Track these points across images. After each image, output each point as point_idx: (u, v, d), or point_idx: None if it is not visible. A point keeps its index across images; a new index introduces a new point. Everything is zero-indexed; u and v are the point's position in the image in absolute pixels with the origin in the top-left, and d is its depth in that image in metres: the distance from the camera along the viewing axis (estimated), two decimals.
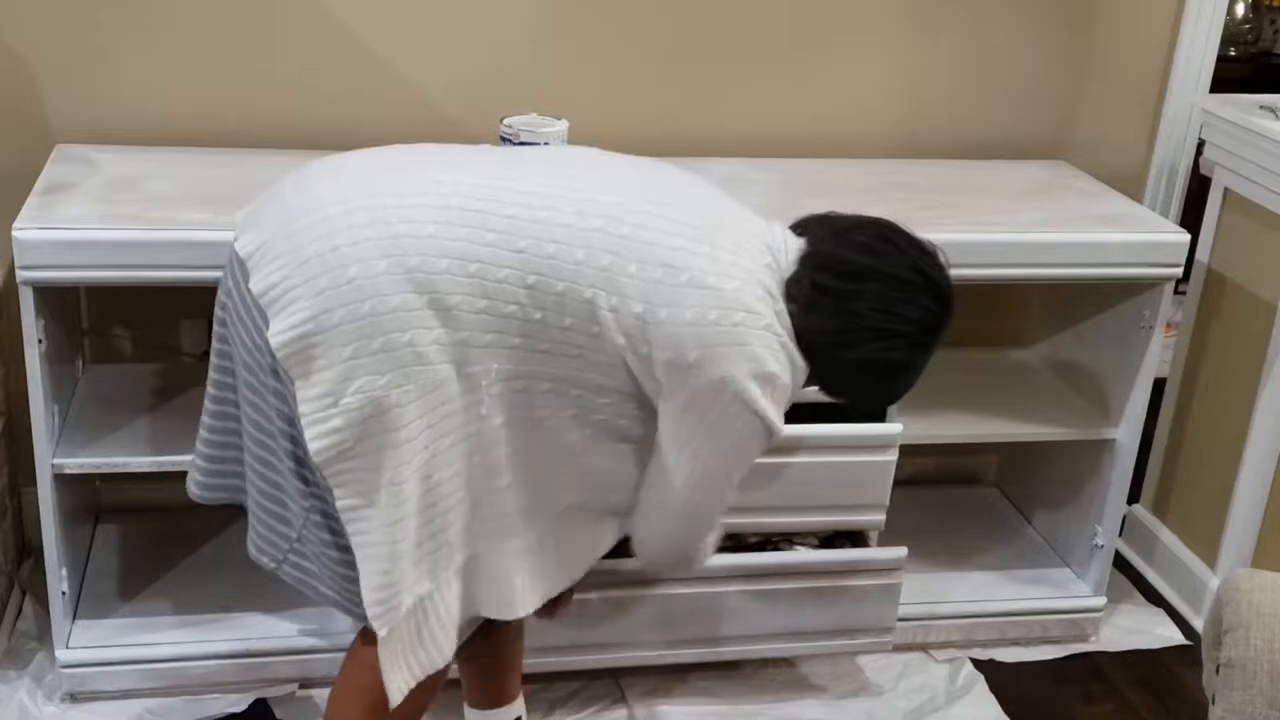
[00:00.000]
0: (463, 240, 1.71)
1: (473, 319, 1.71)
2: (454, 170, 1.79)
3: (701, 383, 1.76)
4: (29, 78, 2.58)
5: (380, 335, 1.67)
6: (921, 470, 3.10)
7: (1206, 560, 2.93)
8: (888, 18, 2.84)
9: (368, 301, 1.67)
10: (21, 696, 2.45)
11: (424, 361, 1.69)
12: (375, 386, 1.67)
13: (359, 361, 1.67)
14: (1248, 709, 1.75)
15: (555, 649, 2.45)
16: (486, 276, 1.71)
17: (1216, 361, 2.91)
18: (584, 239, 1.74)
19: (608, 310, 1.74)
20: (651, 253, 1.75)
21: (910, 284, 1.84)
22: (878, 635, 2.57)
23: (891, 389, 1.93)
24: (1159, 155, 3.04)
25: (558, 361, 1.76)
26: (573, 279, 1.73)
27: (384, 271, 1.68)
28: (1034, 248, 2.51)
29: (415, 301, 1.68)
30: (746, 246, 1.82)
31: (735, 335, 1.75)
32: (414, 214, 1.71)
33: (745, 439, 1.81)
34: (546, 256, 1.72)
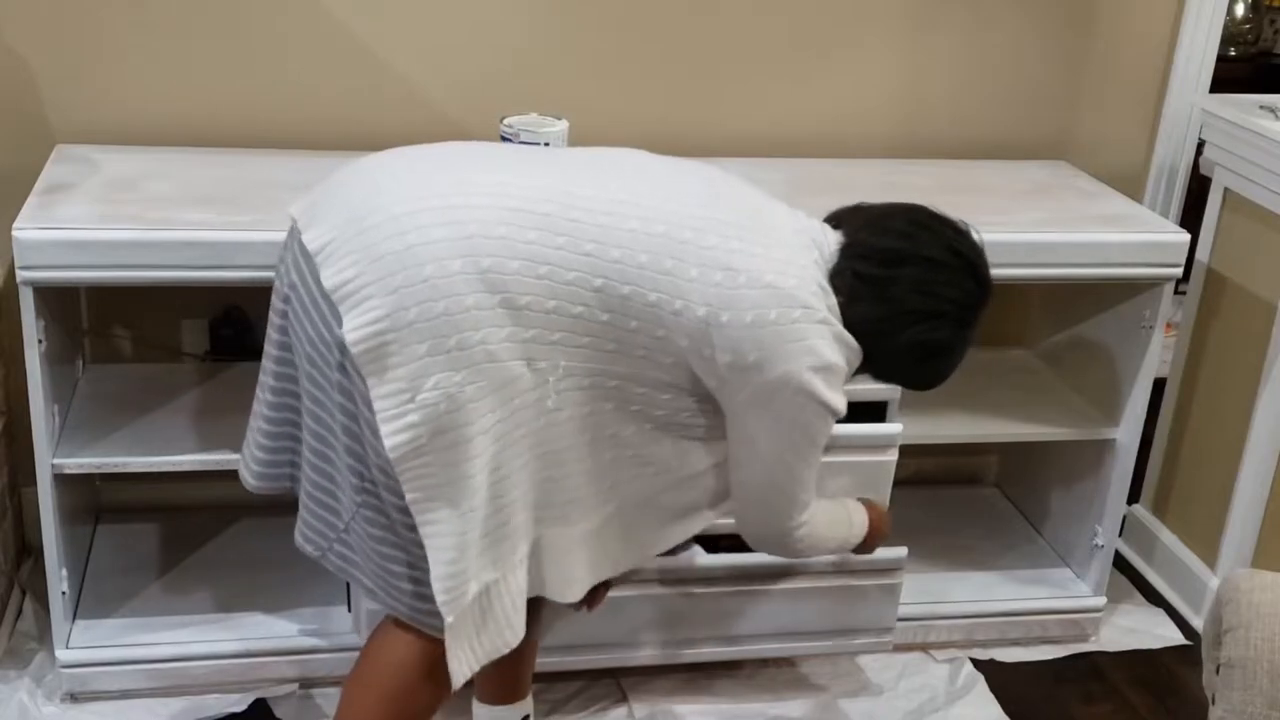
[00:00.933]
0: (534, 243, 1.75)
1: (542, 318, 1.75)
2: (514, 173, 1.83)
3: (764, 380, 1.82)
4: (29, 78, 2.58)
5: (455, 334, 1.71)
6: (922, 470, 3.10)
7: (1206, 560, 2.93)
8: (888, 18, 2.84)
9: (442, 301, 1.70)
10: (21, 696, 2.45)
11: (496, 359, 1.73)
12: (451, 383, 1.71)
13: (434, 359, 1.70)
14: (1248, 709, 1.75)
15: (556, 649, 2.45)
16: (556, 278, 1.75)
17: (1216, 361, 2.91)
18: (647, 244, 1.79)
19: (671, 314, 1.79)
20: (712, 256, 1.80)
21: (946, 265, 1.90)
22: (878, 635, 2.58)
23: (938, 370, 1.99)
24: (1159, 155, 3.04)
25: (623, 360, 1.81)
26: (638, 282, 1.78)
27: (458, 271, 1.71)
28: (1034, 248, 2.51)
29: (488, 301, 1.72)
30: (795, 244, 1.88)
31: (794, 332, 1.81)
32: (485, 215, 1.75)
33: (810, 425, 1.87)
34: (613, 261, 1.77)
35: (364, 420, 1.75)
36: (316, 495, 1.90)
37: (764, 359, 1.81)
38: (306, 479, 1.90)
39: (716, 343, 1.80)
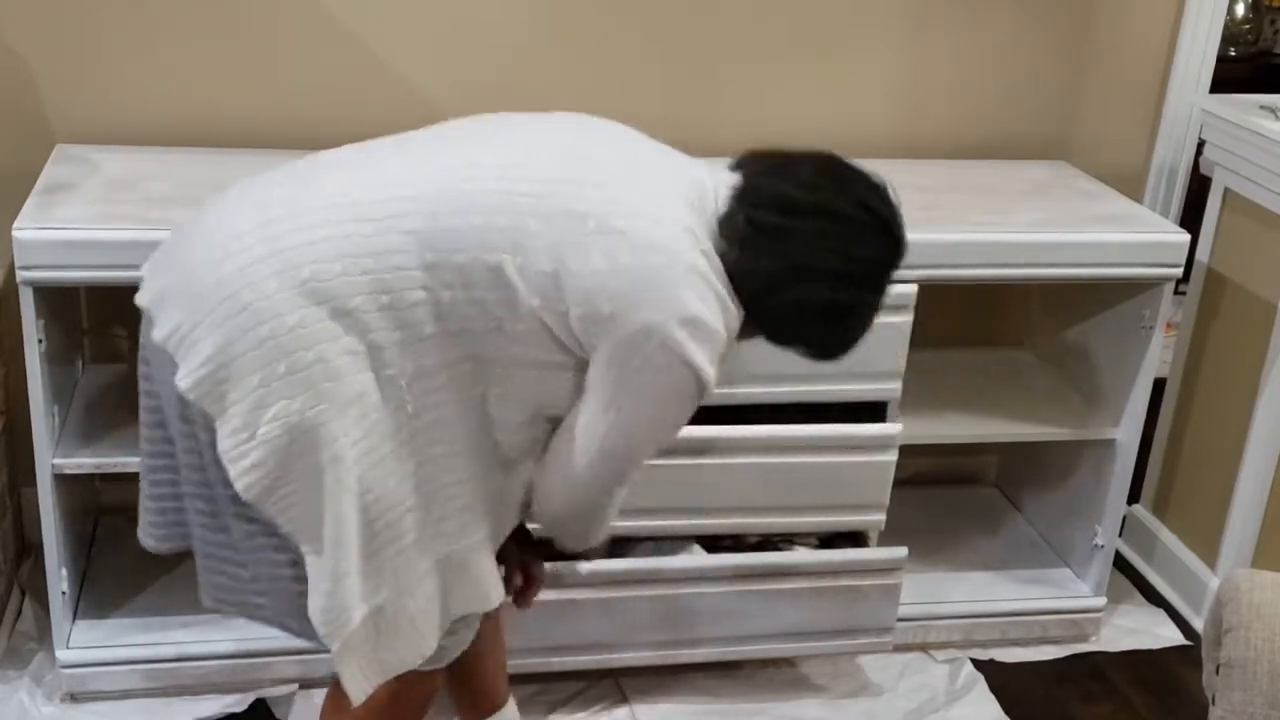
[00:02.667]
0: (352, 236, 1.63)
1: (378, 318, 1.64)
2: (348, 170, 1.73)
3: (622, 334, 1.65)
4: (29, 78, 2.58)
5: (284, 357, 1.60)
6: (921, 470, 3.10)
7: (1206, 560, 2.93)
8: (888, 18, 2.84)
9: (265, 325, 1.60)
10: (21, 696, 2.45)
11: (336, 376, 1.62)
12: (290, 411, 1.60)
13: (269, 389, 1.60)
14: (1248, 709, 1.75)
15: (556, 649, 2.45)
16: (382, 268, 1.63)
17: (1216, 361, 2.91)
18: (480, 204, 1.66)
19: (515, 271, 1.64)
20: (552, 204, 1.65)
21: (856, 220, 1.71)
22: (878, 635, 2.58)
23: (841, 336, 1.78)
24: (1159, 155, 3.04)
25: (477, 340, 1.68)
26: (473, 247, 1.64)
27: (276, 290, 1.61)
28: (1034, 248, 2.51)
29: (315, 314, 1.61)
30: (668, 189, 1.72)
31: (652, 279, 1.64)
32: (303, 221, 1.65)
33: (673, 391, 1.70)
34: (444, 230, 1.64)
35: (213, 466, 1.66)
36: (215, 551, 1.78)
37: (619, 309, 1.63)
38: (199, 536, 1.79)
39: (568, 296, 1.64)
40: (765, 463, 2.44)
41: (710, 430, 2.41)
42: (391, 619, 1.74)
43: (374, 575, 1.71)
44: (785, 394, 2.44)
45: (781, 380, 2.42)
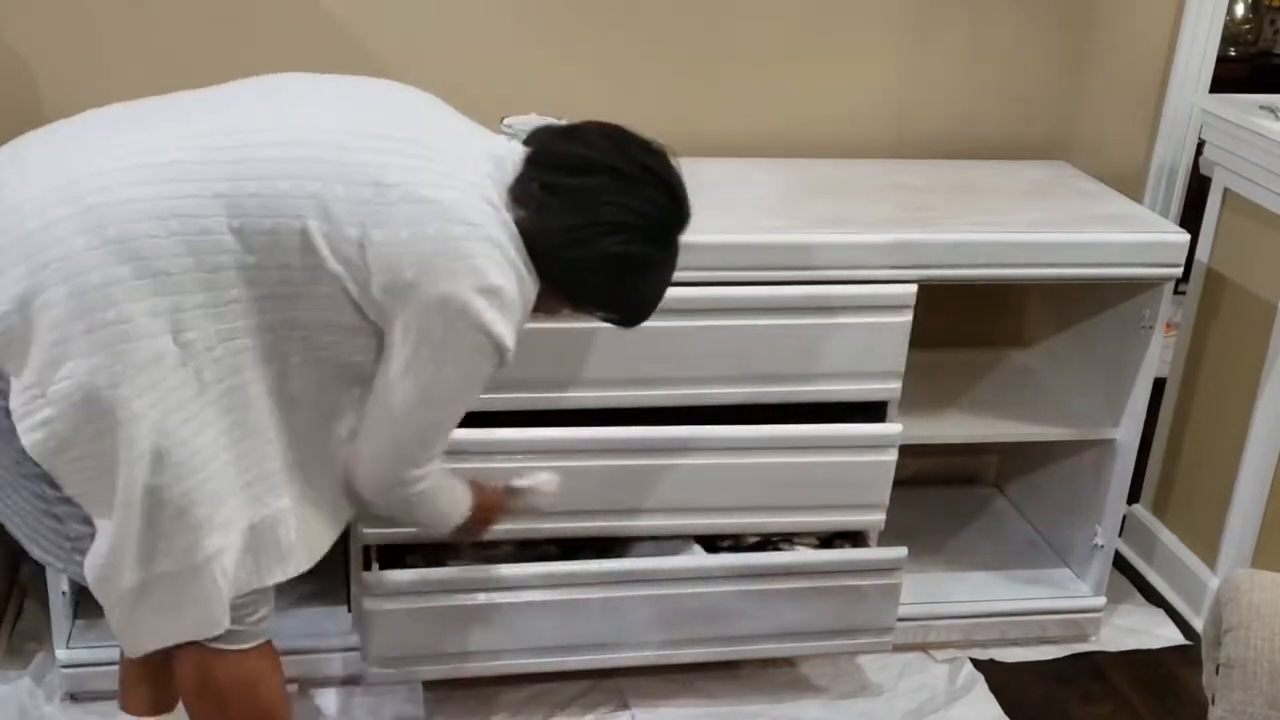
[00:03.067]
0: (158, 197, 1.64)
1: (183, 280, 1.65)
2: (149, 128, 1.72)
3: (423, 302, 1.70)
4: (29, 78, 2.58)
5: (85, 315, 1.61)
6: (921, 470, 3.10)
7: (1206, 560, 2.93)
8: (887, 17, 2.84)
9: (69, 282, 1.60)
10: (21, 696, 2.45)
11: (132, 338, 1.63)
12: (82, 371, 1.61)
13: (64, 347, 1.61)
14: (1248, 709, 1.75)
15: (555, 649, 2.45)
16: (188, 230, 1.64)
17: (1216, 361, 2.91)
18: (288, 169, 1.67)
19: (321, 238, 1.68)
20: (360, 173, 1.69)
21: (639, 179, 1.80)
22: (877, 635, 2.57)
23: (637, 290, 1.87)
24: (1159, 155, 3.04)
25: (281, 305, 1.71)
26: (279, 212, 1.66)
27: (83, 248, 1.61)
28: (1034, 248, 2.51)
29: (119, 273, 1.62)
30: (464, 156, 1.77)
31: (454, 249, 1.70)
32: (106, 180, 1.64)
33: (470, 359, 1.76)
34: (250, 195, 1.66)
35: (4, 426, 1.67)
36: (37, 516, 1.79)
37: (421, 277, 1.69)
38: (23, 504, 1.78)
39: (371, 264, 1.69)
40: (765, 463, 2.44)
41: (711, 430, 2.41)
42: (172, 587, 1.76)
43: (158, 541, 1.72)
44: (785, 394, 2.44)
45: (782, 380, 2.42)
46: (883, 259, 2.41)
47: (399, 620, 2.35)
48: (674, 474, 2.42)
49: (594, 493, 2.39)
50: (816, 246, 2.39)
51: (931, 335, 2.63)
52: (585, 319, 1.95)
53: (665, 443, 2.40)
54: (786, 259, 2.38)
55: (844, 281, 2.40)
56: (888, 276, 2.42)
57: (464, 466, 2.32)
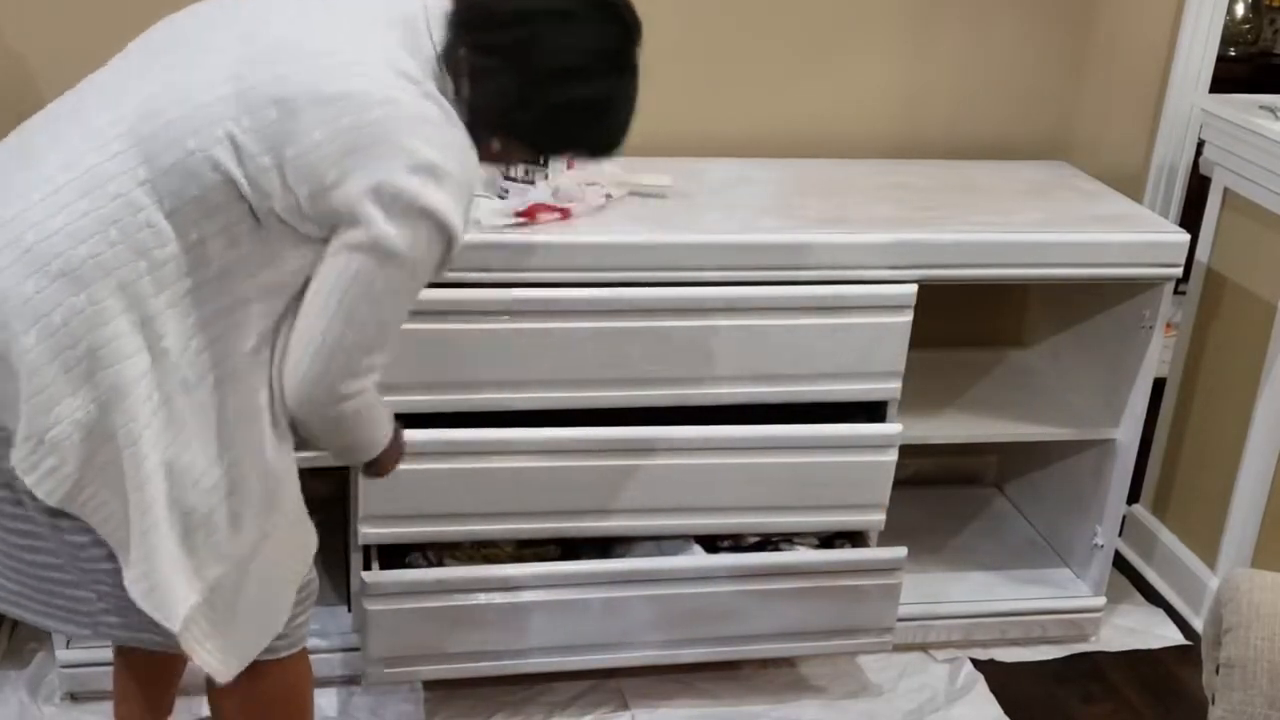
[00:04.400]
0: (89, 211, 1.58)
1: (143, 287, 1.59)
2: (61, 141, 1.64)
3: (353, 194, 1.58)
4: (29, 78, 2.57)
5: (56, 357, 1.57)
6: (921, 470, 3.10)
7: (1206, 560, 2.93)
8: (888, 18, 2.84)
9: (31, 331, 1.56)
10: (21, 696, 2.46)
11: (109, 363, 1.58)
12: (74, 409, 1.58)
13: (48, 392, 1.57)
14: (1248, 709, 1.75)
15: (555, 649, 2.45)
16: (127, 236, 1.58)
17: (1216, 361, 2.91)
18: (191, 126, 1.58)
19: (245, 181, 1.59)
20: (259, 96, 1.58)
21: (575, 14, 1.67)
22: (878, 635, 2.58)
23: (603, 126, 1.75)
24: (1159, 155, 3.04)
25: (239, 273, 1.63)
26: (199, 170, 1.58)
27: (34, 292, 1.57)
28: (1034, 248, 2.51)
29: (77, 304, 1.57)
30: (365, 37, 1.64)
31: (374, 135, 1.57)
32: (35, 214, 1.59)
33: (414, 246, 1.61)
34: (165, 171, 1.58)
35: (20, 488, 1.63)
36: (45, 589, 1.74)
37: (345, 173, 1.57)
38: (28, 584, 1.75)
39: (293, 184, 1.58)
40: (765, 463, 2.44)
41: (711, 430, 2.41)
42: (231, 594, 1.72)
43: (198, 553, 1.68)
44: (785, 394, 2.44)
45: (782, 380, 2.42)
46: (883, 259, 2.41)
47: (399, 620, 2.35)
48: (674, 474, 2.42)
49: (594, 493, 2.39)
50: (816, 246, 2.39)
51: (931, 335, 2.63)
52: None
53: (665, 443, 2.40)
54: (786, 259, 2.38)
55: (844, 281, 2.40)
56: (888, 276, 2.42)
57: (463, 467, 2.33)
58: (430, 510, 2.35)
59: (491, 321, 2.28)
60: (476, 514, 2.37)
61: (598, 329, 2.31)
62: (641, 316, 2.32)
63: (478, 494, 2.35)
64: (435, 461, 2.31)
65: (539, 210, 2.33)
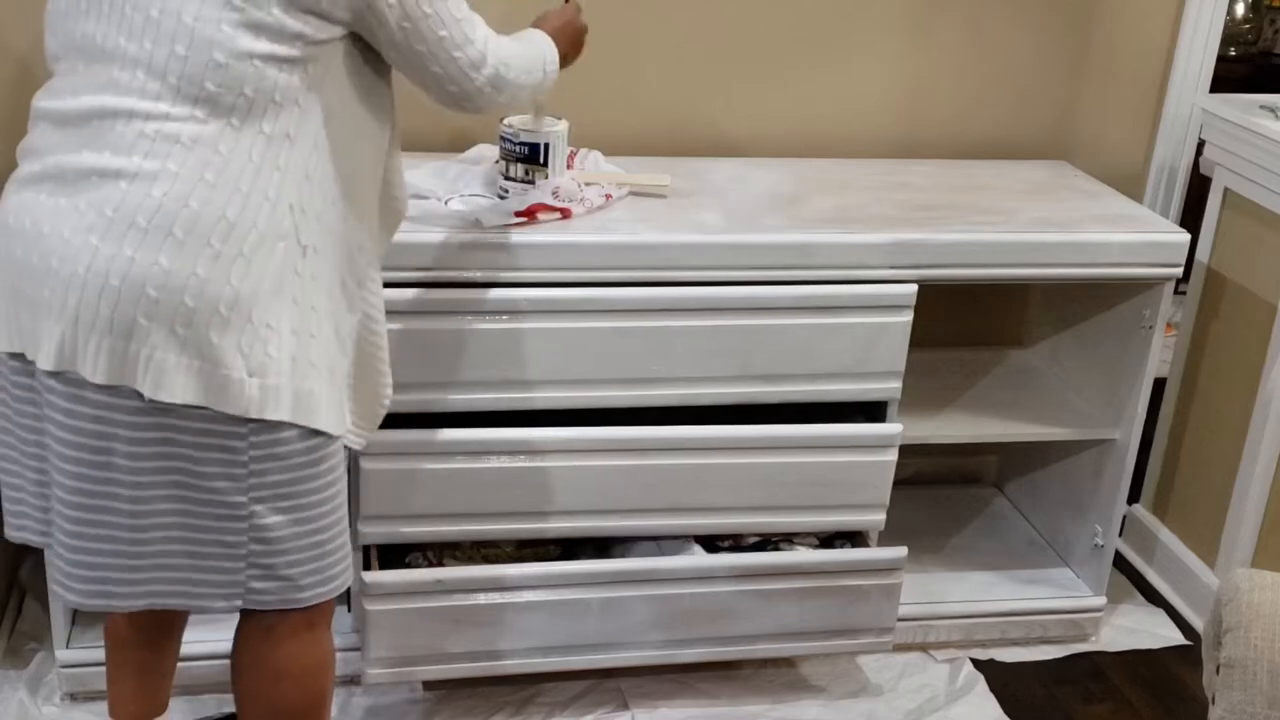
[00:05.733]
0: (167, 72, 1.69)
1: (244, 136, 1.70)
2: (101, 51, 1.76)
3: None
4: (29, 78, 2.57)
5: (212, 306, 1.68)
6: (921, 470, 3.10)
7: (1206, 560, 2.93)
8: (888, 18, 2.84)
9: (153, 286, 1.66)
10: (21, 696, 2.45)
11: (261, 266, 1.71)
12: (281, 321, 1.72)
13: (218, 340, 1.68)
14: (1248, 709, 1.75)
15: (554, 649, 2.45)
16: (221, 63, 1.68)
17: (1216, 361, 2.91)
18: None
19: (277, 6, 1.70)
20: None
21: None
22: (878, 635, 2.58)
23: None
24: (1159, 155, 3.04)
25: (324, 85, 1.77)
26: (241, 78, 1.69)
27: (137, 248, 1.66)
28: (1034, 248, 2.51)
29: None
30: None
31: None
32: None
33: None
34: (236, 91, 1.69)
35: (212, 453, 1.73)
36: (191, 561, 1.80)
37: None
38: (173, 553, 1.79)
39: None
40: (765, 463, 2.44)
41: (711, 430, 2.41)
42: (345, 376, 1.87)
43: None
44: (785, 394, 2.44)
45: (782, 380, 2.42)
46: (883, 259, 2.41)
47: (399, 620, 2.35)
48: (674, 474, 2.42)
49: (594, 493, 2.39)
50: (817, 246, 2.39)
51: (931, 335, 2.63)
52: None
53: (665, 443, 2.40)
54: (786, 259, 2.38)
55: (844, 281, 2.40)
56: (888, 276, 2.42)
57: (463, 466, 2.33)
58: (430, 510, 2.35)
59: (491, 321, 2.28)
60: (476, 514, 2.37)
61: (598, 329, 2.31)
62: (641, 316, 2.32)
63: (478, 494, 2.35)
64: (435, 461, 2.31)
65: (539, 210, 2.33)
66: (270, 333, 1.70)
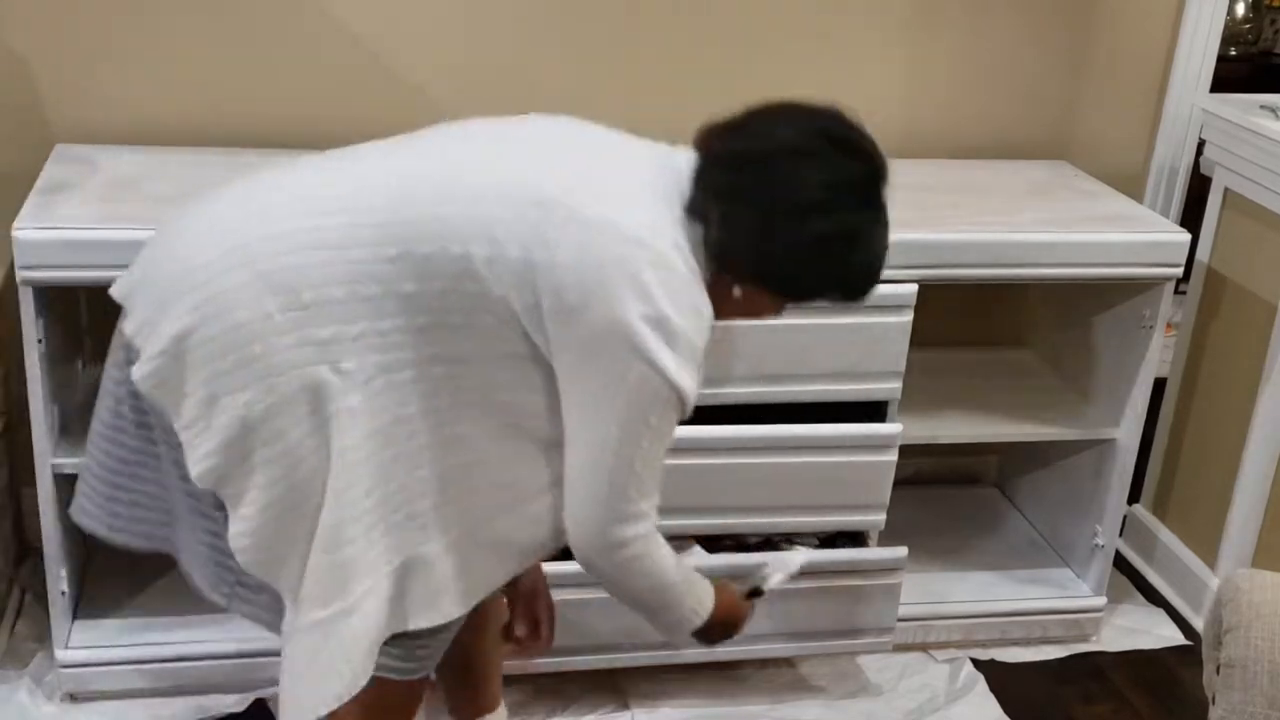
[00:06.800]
0: (312, 230, 1.62)
1: (336, 310, 1.60)
2: (314, 170, 1.73)
3: (588, 329, 1.60)
4: (29, 78, 2.58)
5: (234, 351, 1.60)
6: (921, 470, 3.10)
7: (1206, 560, 2.93)
8: (888, 18, 2.84)
9: (220, 319, 1.60)
10: (21, 696, 2.45)
11: (284, 370, 1.60)
12: (238, 404, 1.60)
13: (218, 382, 1.60)
14: (1248, 709, 1.75)
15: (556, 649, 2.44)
16: (341, 260, 1.60)
17: (1216, 361, 2.91)
18: (451, 195, 1.63)
19: (483, 263, 1.60)
20: (523, 194, 1.62)
21: (811, 151, 1.68)
22: (878, 635, 2.58)
23: (851, 263, 1.71)
24: (1159, 155, 3.04)
25: (441, 335, 1.63)
26: (440, 238, 1.60)
27: (234, 285, 1.61)
28: (1034, 248, 2.51)
29: (269, 305, 1.60)
30: (632, 178, 1.67)
31: (621, 271, 1.59)
32: (268, 216, 1.66)
33: (645, 398, 1.62)
34: (408, 221, 1.61)
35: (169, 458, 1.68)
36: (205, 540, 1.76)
37: (585, 299, 1.58)
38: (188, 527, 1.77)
39: (539, 286, 1.60)
40: (765, 463, 2.44)
41: (711, 430, 2.41)
42: (329, 638, 1.68)
43: (323, 582, 1.66)
44: (785, 394, 2.44)
45: (782, 380, 2.42)
46: None
47: None
48: (674, 474, 2.39)
49: None
50: None
51: (931, 335, 2.63)
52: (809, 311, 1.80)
53: None
54: None
55: None
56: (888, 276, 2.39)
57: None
58: None
59: None
60: None
61: None
62: None
63: None
64: None
65: None
66: None
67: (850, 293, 1.76)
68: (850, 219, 1.68)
